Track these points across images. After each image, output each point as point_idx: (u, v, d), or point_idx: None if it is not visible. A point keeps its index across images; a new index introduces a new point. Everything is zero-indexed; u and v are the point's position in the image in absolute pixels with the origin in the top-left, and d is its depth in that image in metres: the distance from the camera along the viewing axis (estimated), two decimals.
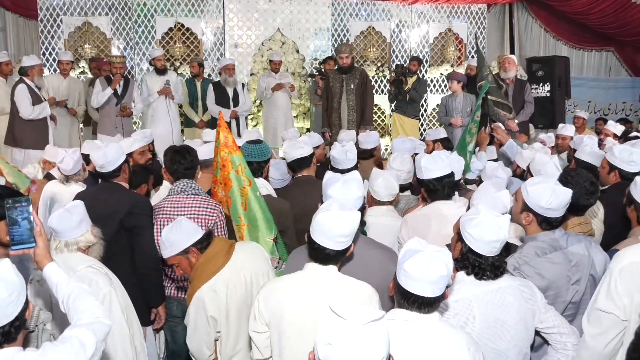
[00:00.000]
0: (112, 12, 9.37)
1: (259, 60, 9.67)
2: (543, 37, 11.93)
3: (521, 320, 2.37)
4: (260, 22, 9.74)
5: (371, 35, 10.37)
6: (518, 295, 2.38)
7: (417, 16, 10.47)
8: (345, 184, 2.62)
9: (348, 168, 3.98)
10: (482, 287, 2.35)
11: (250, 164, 3.60)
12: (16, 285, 1.76)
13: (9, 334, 1.77)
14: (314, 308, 2.33)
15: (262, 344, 2.50)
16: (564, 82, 10.28)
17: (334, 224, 2.30)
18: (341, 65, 7.38)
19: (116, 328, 2.76)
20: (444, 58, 10.66)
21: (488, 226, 2.29)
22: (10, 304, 1.73)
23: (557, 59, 10.40)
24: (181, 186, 3.54)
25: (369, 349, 1.51)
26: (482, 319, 2.31)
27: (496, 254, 2.34)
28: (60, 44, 9.20)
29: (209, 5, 9.62)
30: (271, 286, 2.48)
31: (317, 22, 9.96)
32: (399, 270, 2.01)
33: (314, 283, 2.40)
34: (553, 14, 11.56)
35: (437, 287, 1.97)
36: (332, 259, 2.39)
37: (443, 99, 8.15)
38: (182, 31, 9.61)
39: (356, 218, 2.37)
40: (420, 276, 1.94)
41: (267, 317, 2.43)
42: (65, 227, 2.79)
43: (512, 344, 2.35)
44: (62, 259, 2.79)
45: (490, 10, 11.23)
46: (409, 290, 1.97)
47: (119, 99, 7.63)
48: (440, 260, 1.96)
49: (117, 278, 2.92)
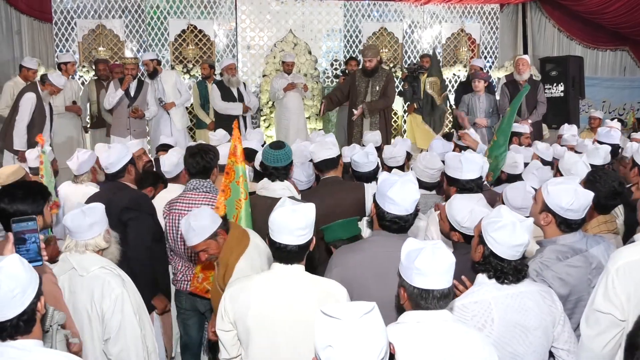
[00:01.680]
0: (125, 15, 9.43)
1: (271, 62, 9.69)
2: (557, 36, 11.83)
3: (541, 326, 2.35)
4: (273, 24, 9.75)
5: (383, 36, 10.36)
6: (539, 301, 2.36)
7: (429, 17, 10.44)
8: (404, 186, 2.60)
9: (369, 171, 4.01)
10: (502, 290, 2.33)
11: (276, 169, 3.61)
12: (22, 280, 1.78)
13: (17, 327, 1.80)
14: (280, 307, 2.39)
15: (228, 342, 2.54)
16: (578, 82, 10.21)
17: (291, 219, 2.35)
18: (366, 67, 7.36)
19: (128, 328, 2.79)
20: (457, 58, 10.62)
21: (511, 230, 2.27)
22: (13, 299, 1.76)
23: (571, 59, 10.33)
24: (194, 184, 3.63)
25: (369, 342, 1.54)
26: (501, 322, 2.29)
27: (518, 257, 2.32)
28: (75, 46, 9.28)
29: (221, 7, 9.65)
30: (238, 286, 2.51)
31: (330, 23, 9.97)
32: (408, 273, 1.99)
33: (280, 283, 2.43)
34: (567, 13, 11.47)
35: (449, 277, 1.98)
36: (296, 257, 2.42)
37: (465, 97, 7.99)
38: (195, 33, 9.65)
39: (311, 210, 2.43)
40: (434, 269, 1.95)
41: (232, 317, 2.47)
42: (77, 228, 2.82)
43: (530, 349, 2.33)
44: (77, 259, 2.82)
45: (503, 10, 11.16)
46: (426, 288, 1.96)
47: (131, 100, 7.68)
48: (443, 250, 1.98)
49: (130, 280, 2.94)
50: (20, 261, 1.81)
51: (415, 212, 2.67)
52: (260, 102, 9.51)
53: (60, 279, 2.84)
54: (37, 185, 2.84)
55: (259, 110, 9.53)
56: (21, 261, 1.82)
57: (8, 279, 1.75)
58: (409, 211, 2.61)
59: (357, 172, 4.08)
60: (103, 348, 2.82)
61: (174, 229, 3.56)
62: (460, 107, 8.01)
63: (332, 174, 3.97)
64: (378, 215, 2.68)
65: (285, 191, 3.64)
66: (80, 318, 2.80)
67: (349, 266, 2.66)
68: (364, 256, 2.66)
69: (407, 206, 2.59)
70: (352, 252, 2.73)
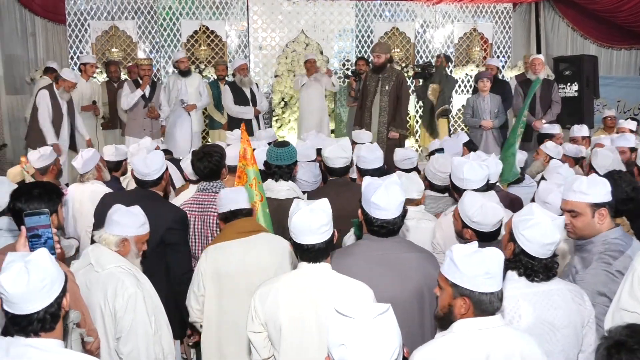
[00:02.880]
0: (138, 16, 9.48)
1: (283, 62, 9.70)
2: (570, 35, 11.75)
3: (570, 325, 2.35)
4: (285, 24, 9.76)
5: (395, 36, 10.33)
6: (568, 299, 2.36)
7: (441, 16, 10.40)
8: (388, 189, 2.60)
9: (375, 168, 3.97)
10: (532, 287, 2.35)
11: (279, 167, 3.61)
12: (51, 272, 1.82)
13: (44, 320, 1.82)
14: (309, 306, 2.40)
15: (259, 344, 2.54)
16: (592, 82, 10.11)
17: (312, 219, 2.36)
18: (374, 64, 7.33)
19: (140, 328, 2.80)
20: (469, 58, 10.57)
21: (543, 229, 2.27)
22: (42, 289, 1.79)
23: (585, 58, 10.22)
24: (204, 185, 3.67)
25: (382, 342, 1.54)
26: (529, 319, 2.31)
27: (549, 256, 2.32)
28: (88, 47, 9.34)
29: (233, 7, 9.67)
30: (267, 287, 2.51)
31: (341, 24, 9.96)
32: (473, 282, 1.98)
33: (308, 282, 2.44)
34: (581, 12, 11.38)
35: (500, 278, 2.00)
36: (323, 254, 2.44)
37: (469, 99, 7.95)
38: (207, 34, 9.69)
39: (327, 205, 2.44)
40: (486, 269, 1.96)
41: (263, 318, 2.47)
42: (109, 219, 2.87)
43: (558, 347, 2.33)
44: (96, 255, 2.86)
45: (515, 9, 11.10)
46: (492, 291, 1.99)
47: (147, 101, 7.74)
48: (492, 251, 1.99)
49: (149, 282, 2.94)
50: (48, 255, 1.86)
51: (403, 214, 2.65)
52: (272, 102, 9.52)
53: (79, 274, 2.87)
54: (51, 185, 2.87)
55: (270, 110, 9.54)
56: (49, 255, 1.86)
57: (38, 270, 1.79)
58: (395, 214, 2.61)
59: (362, 169, 3.99)
60: (114, 347, 2.84)
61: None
62: (466, 109, 7.96)
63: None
64: (366, 220, 2.68)
65: (290, 192, 3.65)
66: (93, 315, 2.83)
67: (343, 270, 2.63)
68: (355, 259, 2.67)
69: (393, 210, 2.59)
70: (344, 255, 2.73)
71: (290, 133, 9.63)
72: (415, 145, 9.80)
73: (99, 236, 2.91)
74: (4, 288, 1.75)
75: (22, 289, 1.76)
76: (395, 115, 7.28)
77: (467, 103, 7.95)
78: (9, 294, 1.76)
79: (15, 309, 1.79)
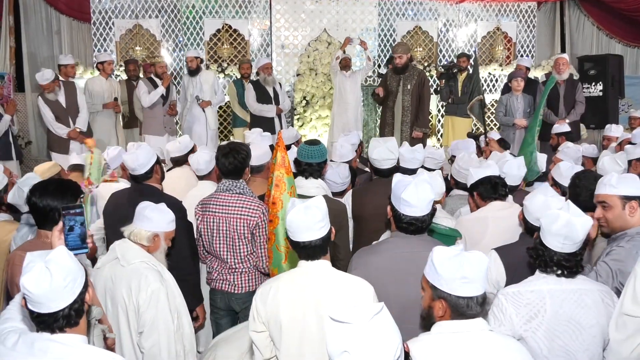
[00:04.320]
0: (161, 15, 9.56)
1: (305, 61, 9.70)
2: (595, 35, 11.60)
3: (597, 325, 2.35)
4: (307, 23, 9.76)
5: (418, 35, 10.28)
6: (597, 300, 2.37)
7: (464, 15, 10.33)
8: (418, 187, 2.61)
9: (414, 168, 3.97)
10: (560, 284, 2.36)
11: (310, 165, 3.62)
12: (72, 269, 1.84)
13: (69, 317, 1.85)
14: (310, 304, 2.41)
15: (261, 343, 2.55)
16: (618, 81, 9.98)
17: (307, 216, 2.39)
18: (396, 64, 7.32)
19: (161, 324, 2.83)
20: (493, 57, 10.48)
21: (556, 219, 2.31)
22: (66, 287, 1.81)
23: (610, 58, 10.10)
24: (227, 185, 3.58)
25: (384, 342, 1.53)
26: (554, 315, 2.32)
27: (563, 250, 2.33)
28: (112, 46, 9.43)
29: (256, 6, 9.70)
30: (267, 286, 2.52)
31: (364, 22, 9.93)
32: (451, 285, 1.96)
33: (308, 279, 2.46)
34: (606, 11, 11.22)
35: (480, 283, 1.97)
36: (321, 250, 2.46)
37: (502, 98, 7.93)
38: (230, 32, 9.73)
39: (322, 202, 2.47)
40: (463, 274, 1.94)
41: (264, 317, 2.48)
42: (138, 214, 2.92)
43: (583, 346, 2.33)
44: (123, 250, 2.90)
45: (540, 8, 10.99)
46: (470, 296, 1.96)
47: (165, 99, 7.80)
48: (474, 256, 1.97)
49: (173, 279, 2.97)
50: (66, 252, 1.88)
51: (432, 212, 2.67)
52: (293, 101, 9.53)
53: (106, 268, 2.92)
54: (68, 182, 2.89)
55: (292, 109, 9.56)
56: (67, 252, 1.88)
57: (59, 268, 1.81)
58: (424, 212, 2.62)
59: (401, 168, 3.97)
60: (137, 341, 2.87)
61: (209, 230, 3.54)
62: (498, 107, 7.91)
63: None
64: (395, 217, 2.69)
65: (319, 189, 3.64)
66: (117, 308, 2.86)
67: (368, 268, 2.66)
68: (382, 258, 2.68)
69: (422, 207, 2.60)
70: (371, 254, 2.74)
71: (312, 132, 9.63)
72: (437, 144, 9.74)
73: (130, 232, 2.94)
74: (28, 289, 1.77)
75: (46, 288, 1.77)
76: (418, 114, 7.25)
77: (500, 102, 7.93)
78: (34, 294, 1.78)
79: (40, 308, 1.81)
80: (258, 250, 3.49)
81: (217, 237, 3.53)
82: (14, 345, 1.83)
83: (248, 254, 3.53)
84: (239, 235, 3.48)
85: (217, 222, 3.51)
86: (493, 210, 3.38)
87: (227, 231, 3.50)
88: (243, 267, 3.55)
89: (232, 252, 3.53)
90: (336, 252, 3.63)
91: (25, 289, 1.78)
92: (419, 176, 2.73)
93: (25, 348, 1.82)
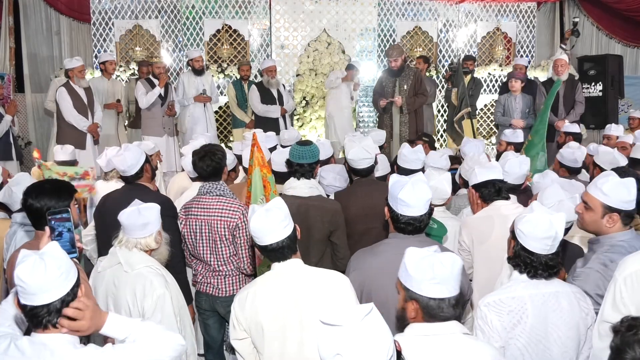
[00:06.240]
0: (161, 15, 9.56)
1: (305, 62, 9.70)
2: (595, 35, 11.60)
3: (574, 327, 2.37)
4: (307, 23, 9.76)
5: (417, 35, 10.28)
6: (573, 302, 2.38)
7: (464, 15, 10.33)
8: (415, 186, 2.61)
9: (417, 169, 3.96)
10: (539, 288, 2.36)
11: (301, 166, 3.62)
12: (65, 261, 1.86)
13: (61, 310, 1.86)
14: (289, 303, 2.42)
15: (245, 350, 2.55)
16: (617, 81, 9.98)
17: (269, 219, 2.39)
18: (392, 68, 7.32)
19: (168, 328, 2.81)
20: (492, 57, 10.48)
21: (538, 222, 2.30)
22: (59, 277, 1.83)
23: (609, 58, 10.10)
24: (207, 187, 3.59)
25: (377, 342, 1.53)
26: (535, 319, 2.33)
27: (549, 252, 2.33)
28: (112, 46, 9.43)
29: (255, 7, 9.70)
30: (244, 292, 2.52)
31: (363, 23, 9.92)
32: (422, 286, 1.95)
33: (283, 280, 2.46)
34: (606, 11, 11.22)
35: (452, 285, 1.96)
36: (289, 251, 2.46)
37: (501, 98, 7.96)
38: (229, 33, 9.73)
39: (281, 201, 2.47)
40: (433, 275, 1.93)
41: (244, 324, 2.48)
42: (131, 226, 2.88)
43: (562, 349, 2.36)
44: (125, 255, 2.88)
45: (540, 8, 10.99)
46: (442, 297, 1.95)
47: (163, 99, 7.79)
48: (446, 257, 1.96)
49: (175, 282, 2.98)
50: (59, 247, 1.91)
51: (429, 212, 2.67)
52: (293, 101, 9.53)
53: (107, 272, 2.92)
54: (63, 182, 2.90)
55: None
56: (60, 247, 1.91)
57: (53, 259, 1.83)
58: (422, 212, 2.62)
59: (401, 168, 4.01)
60: None
61: (192, 234, 3.54)
62: (496, 107, 7.92)
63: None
64: (392, 218, 2.69)
65: (312, 190, 3.64)
66: (120, 313, 2.84)
67: (365, 270, 2.67)
68: (380, 259, 2.67)
69: (420, 207, 2.60)
70: (368, 255, 2.74)
71: (311, 132, 9.63)
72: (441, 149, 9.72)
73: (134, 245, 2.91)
74: (22, 279, 1.78)
75: (40, 277, 1.79)
76: (417, 99, 7.30)
77: (499, 102, 7.96)
78: (28, 284, 1.78)
79: (33, 300, 1.81)
80: (239, 251, 3.49)
81: (200, 240, 3.53)
82: (5, 350, 1.84)
83: (230, 256, 3.53)
84: (220, 237, 3.48)
85: (199, 225, 3.51)
86: (496, 210, 3.40)
87: (210, 233, 3.50)
88: (226, 269, 3.55)
89: (215, 255, 3.53)
90: (335, 251, 3.64)
91: (19, 279, 1.79)
92: (416, 176, 2.72)
93: (17, 352, 1.83)
